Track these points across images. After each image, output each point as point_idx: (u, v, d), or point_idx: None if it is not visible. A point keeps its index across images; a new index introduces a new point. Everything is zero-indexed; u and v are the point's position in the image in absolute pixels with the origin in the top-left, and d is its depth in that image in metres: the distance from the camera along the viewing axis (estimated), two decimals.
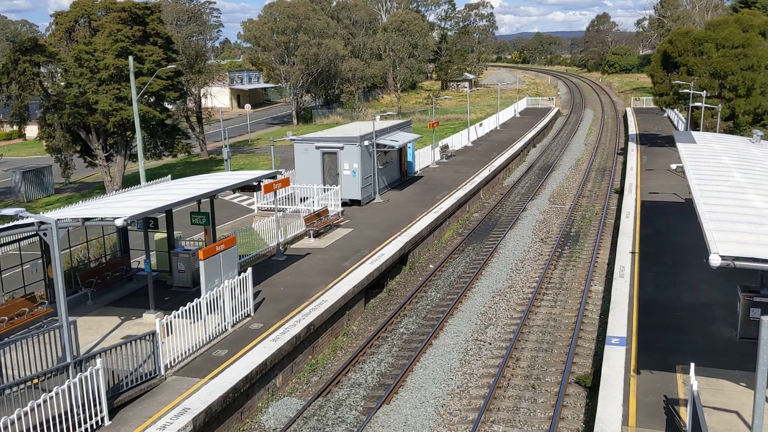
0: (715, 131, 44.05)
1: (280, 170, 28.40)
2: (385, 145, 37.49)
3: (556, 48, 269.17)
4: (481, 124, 67.40)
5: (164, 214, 23.54)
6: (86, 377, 14.65)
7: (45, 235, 15.80)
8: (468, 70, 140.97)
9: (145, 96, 45.49)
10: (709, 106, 46.03)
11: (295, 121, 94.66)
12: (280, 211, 30.00)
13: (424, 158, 48.31)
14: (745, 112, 48.22)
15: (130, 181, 45.96)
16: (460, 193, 38.40)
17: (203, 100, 72.45)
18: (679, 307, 21.36)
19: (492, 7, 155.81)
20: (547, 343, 21.64)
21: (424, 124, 70.68)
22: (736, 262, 12.69)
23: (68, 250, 22.79)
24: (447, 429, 16.96)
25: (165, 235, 24.53)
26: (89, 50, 44.85)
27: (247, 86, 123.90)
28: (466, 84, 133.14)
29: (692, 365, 14.70)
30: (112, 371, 16.02)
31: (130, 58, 36.07)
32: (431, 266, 29.83)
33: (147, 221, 22.20)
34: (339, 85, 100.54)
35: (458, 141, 58.11)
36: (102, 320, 20.99)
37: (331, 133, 39.20)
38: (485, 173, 44.60)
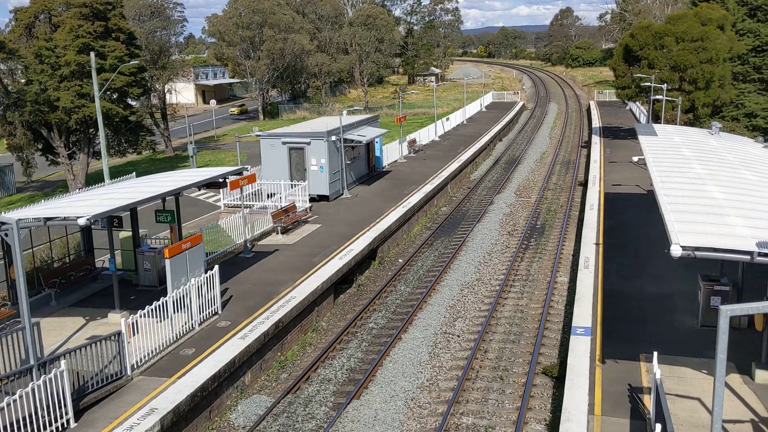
0: (676, 123, 44.85)
1: (246, 166, 28.20)
2: (352, 140, 37.46)
3: (521, 42, 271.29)
4: (448, 119, 67.68)
5: (129, 213, 23.25)
6: (50, 379, 14.44)
7: (6, 235, 15.51)
8: (434, 65, 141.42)
9: (108, 92, 44.82)
10: (669, 98, 46.82)
11: (261, 116, 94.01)
12: (246, 207, 29.82)
13: (391, 153, 48.38)
14: (705, 104, 49.13)
15: (94, 179, 45.26)
16: (428, 188, 38.56)
17: (168, 96, 71.56)
18: (642, 297, 21.76)
19: (457, 1, 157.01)
20: (514, 334, 21.89)
21: (391, 118, 70.76)
22: (696, 253, 12.96)
23: (30, 251, 22.38)
24: (417, 422, 17.07)
25: (130, 233, 24.25)
26: (50, 46, 44.03)
27: (212, 82, 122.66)
28: (433, 78, 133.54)
29: (655, 354, 14.99)
30: (77, 373, 15.81)
31: (92, 54, 35.45)
32: (400, 260, 29.94)
33: (111, 220, 21.88)
34: (305, 80, 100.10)
35: (426, 135, 58.30)
36: (66, 321, 20.68)
37: (297, 129, 39.04)
38: (453, 167, 44.83)
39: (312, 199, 34.97)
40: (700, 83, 48.27)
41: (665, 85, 47.10)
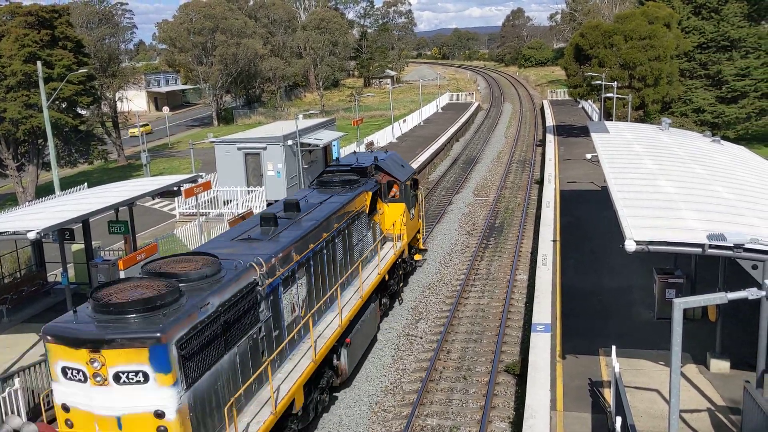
0: (627, 120, 45.74)
1: (201, 173, 27.85)
2: (309, 144, 37.29)
3: (475, 43, 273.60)
4: (404, 120, 67.88)
5: (81, 225, 22.72)
6: (4, 398, 14.02)
7: None
8: (389, 67, 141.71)
9: (57, 102, 43.79)
10: (620, 96, 47.75)
11: (215, 122, 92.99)
12: (202, 215, 29.42)
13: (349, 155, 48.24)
14: (654, 101, 50.25)
15: (44, 191, 44.16)
16: None
17: (119, 104, 70.26)
18: (599, 292, 22.10)
19: (410, 4, 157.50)
20: (476, 333, 22.01)
21: (348, 121, 70.62)
22: (650, 247, 13.21)
23: None
24: (382, 426, 17.02)
25: (82, 246, 23.72)
26: None
27: (164, 88, 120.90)
28: (389, 81, 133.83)
29: (613, 348, 15.22)
30: (32, 390, 15.38)
31: (39, 63, 34.65)
32: None
33: (62, 232, 21.33)
34: (260, 85, 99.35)
35: (383, 137, 58.37)
36: (19, 338, 20.10)
37: (253, 134, 38.73)
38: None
39: (269, 205, 34.66)
40: (649, 80, 49.34)
41: (616, 82, 48.01)
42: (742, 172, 20.47)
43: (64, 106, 46.36)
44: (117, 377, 11.12)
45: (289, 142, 35.49)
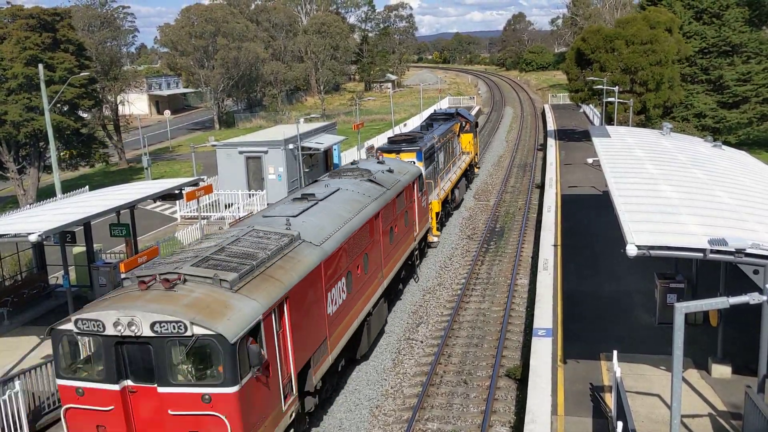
0: (628, 125, 45.75)
1: (202, 177, 27.87)
2: (310, 148, 37.32)
3: (475, 47, 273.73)
4: (405, 124, 67.92)
5: (82, 227, 22.74)
6: (5, 401, 14.01)
7: None
8: (390, 71, 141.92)
9: (58, 105, 43.87)
10: (621, 100, 47.76)
11: (217, 126, 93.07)
12: (203, 218, 29.45)
13: (350, 160, 48.31)
14: (656, 105, 50.25)
15: (46, 194, 44.19)
16: None
17: (120, 108, 70.34)
18: (601, 297, 22.08)
19: (411, 8, 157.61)
20: (477, 338, 21.99)
21: (349, 125, 70.72)
22: (651, 251, 13.21)
23: None
24: (382, 430, 17.00)
25: (84, 248, 23.72)
26: None
27: (165, 92, 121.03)
28: (389, 85, 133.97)
29: (615, 353, 15.19)
30: (33, 393, 15.37)
31: (40, 66, 34.69)
32: None
33: (64, 235, 21.37)
34: (261, 89, 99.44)
35: (384, 141, 58.31)
36: (20, 341, 20.10)
37: (254, 138, 38.77)
38: None
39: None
40: (650, 85, 49.35)
41: (617, 87, 48.04)
42: (744, 177, 20.47)
43: (65, 109, 46.44)
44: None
45: (290, 146, 35.53)
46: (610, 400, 15.37)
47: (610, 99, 47.91)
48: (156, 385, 11.90)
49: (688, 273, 19.93)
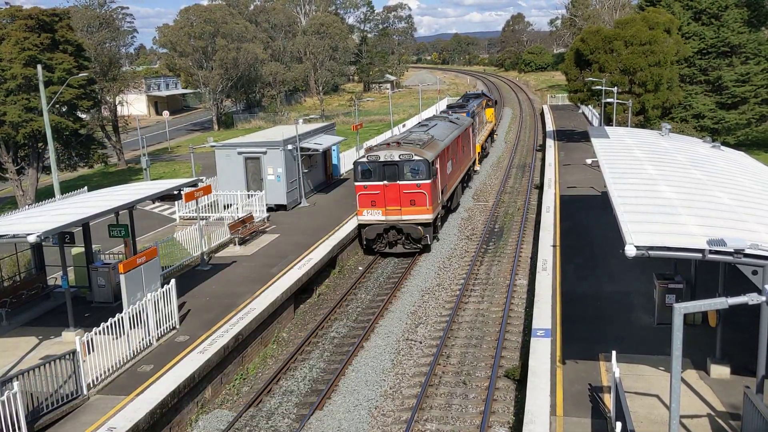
0: (627, 126, 45.76)
1: (201, 177, 27.89)
2: (309, 149, 37.30)
3: (474, 48, 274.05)
4: (404, 125, 67.83)
5: (81, 228, 22.71)
6: (3, 402, 13.98)
7: None
8: (389, 72, 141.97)
9: (57, 105, 43.84)
10: (620, 101, 47.77)
11: (216, 126, 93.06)
12: (202, 219, 29.44)
13: (349, 160, 48.24)
14: (654, 106, 50.28)
15: (44, 195, 44.17)
16: None
17: (119, 108, 70.32)
18: (599, 297, 22.08)
19: (410, 9, 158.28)
20: (476, 338, 21.98)
21: (348, 126, 70.71)
22: (650, 252, 13.19)
23: None
24: (381, 431, 16.99)
25: (82, 249, 23.70)
26: None
27: (164, 93, 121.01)
28: (388, 85, 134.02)
29: (614, 353, 15.19)
30: (31, 394, 15.34)
31: (39, 66, 34.65)
32: (360, 268, 29.86)
33: (63, 236, 21.35)
34: (260, 89, 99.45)
35: (384, 141, 58.26)
36: (18, 341, 20.09)
37: (253, 138, 38.71)
38: None
39: (269, 209, 34.71)
40: (649, 86, 49.39)
41: (616, 88, 48.06)
42: (743, 178, 20.47)
43: (64, 109, 46.40)
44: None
45: (289, 147, 35.51)
46: (609, 400, 15.36)
47: (609, 100, 47.93)
48: (398, 181, 29.52)
49: (687, 273, 19.92)
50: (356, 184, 29.96)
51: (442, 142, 34.17)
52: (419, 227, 29.63)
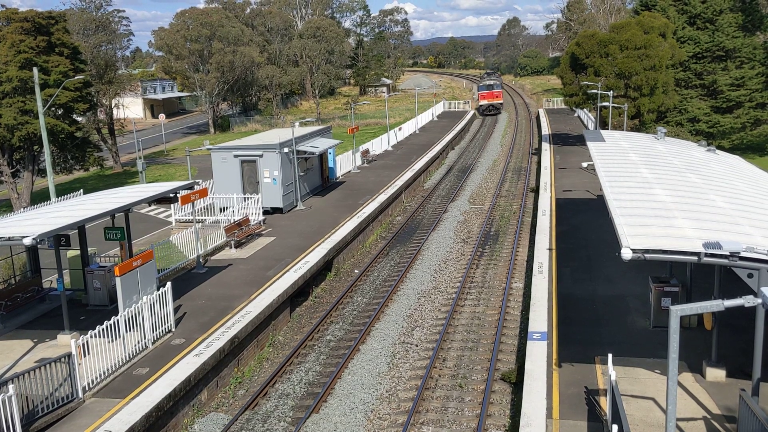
0: (623, 129, 45.89)
1: (197, 180, 27.84)
2: (305, 152, 37.30)
3: (470, 52, 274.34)
4: (400, 128, 67.96)
5: (77, 231, 22.68)
6: None
7: None
8: (385, 75, 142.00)
9: (53, 108, 43.74)
10: (616, 105, 47.90)
11: (212, 129, 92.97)
12: (198, 222, 29.41)
13: (345, 163, 48.33)
14: (650, 110, 50.44)
15: (40, 198, 44.04)
16: (382, 197, 38.61)
17: (115, 111, 70.21)
18: (595, 300, 22.11)
19: (406, 12, 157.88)
20: (472, 341, 21.99)
21: (344, 129, 70.73)
22: (646, 255, 13.22)
23: None
24: None
25: (78, 252, 23.65)
26: None
27: (160, 95, 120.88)
28: (384, 89, 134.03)
29: (610, 356, 15.21)
30: (27, 397, 15.29)
31: (35, 69, 34.60)
32: (356, 271, 29.86)
33: (58, 238, 21.32)
34: (256, 93, 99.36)
35: (378, 145, 58.40)
36: (13, 344, 20.02)
37: (249, 141, 38.68)
38: (407, 176, 45.01)
39: (266, 212, 34.69)
40: (644, 89, 49.54)
41: (611, 91, 48.19)
42: (738, 181, 20.54)
43: (60, 112, 46.24)
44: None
45: (286, 150, 35.51)
46: (605, 403, 15.38)
47: (604, 103, 48.04)
48: (492, 90, 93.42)
49: (683, 276, 19.97)
50: (479, 92, 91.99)
51: (500, 82, 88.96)
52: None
